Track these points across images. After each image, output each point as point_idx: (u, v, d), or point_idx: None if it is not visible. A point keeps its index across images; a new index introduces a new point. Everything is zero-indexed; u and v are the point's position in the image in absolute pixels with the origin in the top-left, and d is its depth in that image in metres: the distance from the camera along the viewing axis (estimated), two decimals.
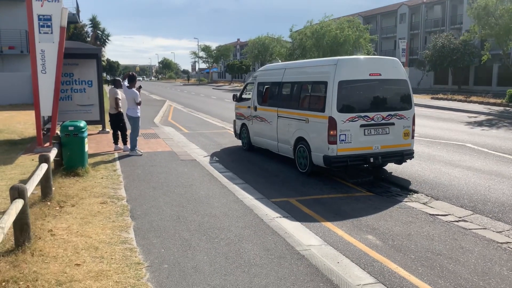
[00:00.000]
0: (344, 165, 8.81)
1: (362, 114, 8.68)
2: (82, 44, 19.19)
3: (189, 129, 17.19)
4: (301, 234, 5.94)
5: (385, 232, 6.20)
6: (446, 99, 28.93)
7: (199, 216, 6.40)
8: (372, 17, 63.87)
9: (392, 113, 8.96)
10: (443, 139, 13.78)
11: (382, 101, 9.08)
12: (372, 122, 8.76)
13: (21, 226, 4.81)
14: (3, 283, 3.96)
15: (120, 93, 11.78)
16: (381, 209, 7.22)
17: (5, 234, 3.91)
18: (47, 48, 11.16)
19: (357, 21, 45.36)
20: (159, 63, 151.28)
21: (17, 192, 4.67)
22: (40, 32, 11.03)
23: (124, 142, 11.52)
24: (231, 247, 5.25)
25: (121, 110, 11.65)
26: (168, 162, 10.28)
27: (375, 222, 6.61)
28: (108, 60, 73.26)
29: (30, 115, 19.26)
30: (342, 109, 8.58)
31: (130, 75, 11.24)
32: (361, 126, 8.68)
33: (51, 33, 11.12)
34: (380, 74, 8.93)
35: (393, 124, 8.96)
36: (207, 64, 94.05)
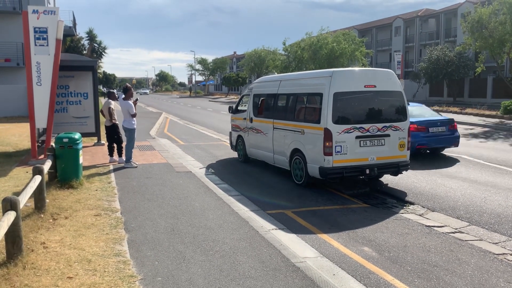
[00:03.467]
0: (340, 177, 8.79)
1: (358, 126, 8.69)
2: (78, 57, 19.25)
3: (185, 141, 17.16)
4: (297, 246, 5.89)
5: (381, 243, 6.16)
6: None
7: (194, 228, 6.35)
8: (368, 30, 64.50)
9: (388, 124, 8.98)
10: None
11: (377, 113, 9.11)
12: (368, 133, 8.77)
13: (13, 238, 4.75)
14: None
15: (114, 104, 11.78)
16: (377, 221, 7.18)
17: (7, 235, 3.85)
18: (43, 60, 11.17)
19: (353, 34, 45.80)
20: (155, 75, 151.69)
21: (9, 204, 4.62)
22: (36, 45, 11.07)
23: (120, 154, 11.47)
24: (225, 259, 5.19)
25: (116, 122, 11.63)
26: (163, 174, 10.23)
27: (371, 233, 6.58)
28: (104, 72, 73.47)
29: (25, 127, 19.18)
30: (338, 120, 8.59)
31: (125, 87, 11.25)
32: (357, 137, 8.68)
33: (47, 45, 11.15)
34: (375, 86, 8.97)
35: (388, 135, 8.97)
36: (204, 77, 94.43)
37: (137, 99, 11.47)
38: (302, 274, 4.83)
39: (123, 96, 11.05)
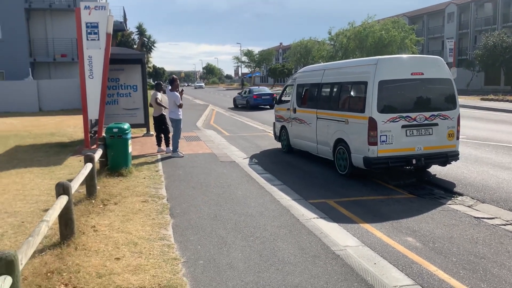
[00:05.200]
0: (385, 167, 8.62)
1: (404, 115, 8.46)
2: (127, 50, 19.91)
3: (230, 132, 17.39)
4: (338, 235, 5.87)
5: (426, 234, 6.00)
6: (497, 100, 27.61)
7: (236, 215, 6.47)
8: (418, 17, 62.13)
9: (436, 113, 8.68)
10: (493, 141, 13.17)
11: (425, 101, 8.83)
12: (414, 122, 8.52)
13: (66, 221, 5.06)
14: (49, 274, 4.18)
15: (160, 95, 12.15)
16: (423, 212, 7.00)
17: (49, 227, 4.12)
18: (94, 54, 11.67)
19: (402, 21, 44.31)
20: (203, 68, 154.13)
21: (62, 189, 4.92)
22: (87, 39, 11.57)
23: (167, 144, 11.83)
24: (265, 245, 5.27)
25: (164, 113, 12.00)
26: (208, 163, 10.46)
27: (416, 224, 6.42)
28: (154, 66, 75.46)
29: (79, 119, 20.10)
30: (383, 109, 8.41)
31: (171, 79, 11.55)
32: (403, 126, 8.46)
33: (98, 39, 11.63)
34: (422, 73, 8.68)
35: (436, 124, 8.67)
36: (250, 69, 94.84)
37: (182, 90, 11.73)
38: (341, 262, 4.82)
39: (170, 87, 11.35)
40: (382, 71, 8.46)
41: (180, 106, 11.29)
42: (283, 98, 13.13)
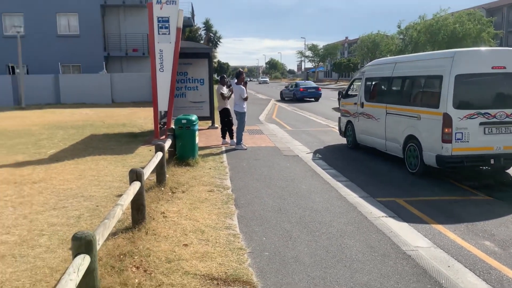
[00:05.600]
0: (459, 166, 8.14)
1: (482, 111, 7.93)
2: (195, 44, 20.41)
3: (292, 127, 17.28)
4: (408, 235, 5.60)
5: (505, 239, 5.57)
6: None
7: (300, 209, 6.39)
8: (497, 9, 58.05)
9: None
10: None
11: (506, 97, 8.21)
12: (494, 120, 7.95)
13: (138, 206, 5.25)
14: (121, 256, 4.35)
15: (225, 89, 12.34)
16: (502, 215, 6.50)
17: (123, 211, 4.28)
18: (165, 48, 12.04)
19: (479, 13, 41.62)
20: (266, 63, 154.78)
21: (135, 175, 5.10)
22: (159, 33, 11.95)
23: (231, 137, 12.00)
24: (332, 241, 5.14)
25: (227, 106, 12.18)
26: (271, 156, 10.45)
27: (494, 228, 5.98)
28: (219, 61, 76.91)
29: (149, 111, 20.98)
30: (459, 105, 7.93)
31: (237, 72, 11.66)
32: (481, 124, 7.93)
33: (169, 34, 11.98)
34: (504, 67, 8.07)
35: None
36: (313, 63, 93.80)
37: (247, 82, 11.79)
38: (413, 262, 4.59)
39: (236, 80, 11.46)
40: (459, 65, 7.98)
41: (246, 99, 11.37)
42: (349, 93, 12.80)
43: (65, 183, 7.70)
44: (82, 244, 2.98)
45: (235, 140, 11.74)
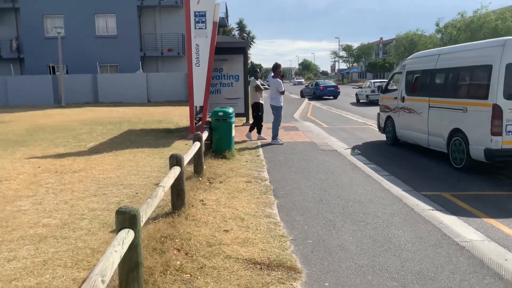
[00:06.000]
0: (510, 160, 7.68)
1: None
2: (231, 38, 20.43)
3: (329, 124, 16.97)
4: (459, 227, 5.28)
5: None
6: None
7: (343, 200, 6.16)
8: None
9: None
10: None
11: None
12: None
13: (178, 192, 5.18)
14: (162, 238, 4.27)
15: (259, 82, 12.28)
16: None
17: (165, 192, 4.21)
18: (201, 43, 12.03)
19: None
20: (299, 64, 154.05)
21: (175, 160, 5.04)
22: (195, 28, 11.95)
23: (258, 132, 12.03)
24: (378, 231, 4.90)
25: (260, 101, 12.09)
26: (308, 151, 10.23)
27: None
28: (252, 63, 77.08)
29: (183, 109, 21.19)
30: (510, 96, 7.49)
31: (274, 65, 11.49)
32: None
33: (205, 28, 11.96)
34: None
35: None
36: (347, 64, 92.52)
37: (283, 75, 11.62)
38: (468, 253, 4.29)
39: (272, 74, 11.31)
40: (510, 53, 7.54)
41: (283, 93, 11.20)
42: (389, 87, 12.42)
43: (104, 172, 7.76)
44: (126, 218, 2.90)
45: (251, 135, 11.81)
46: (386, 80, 13.60)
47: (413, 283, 3.64)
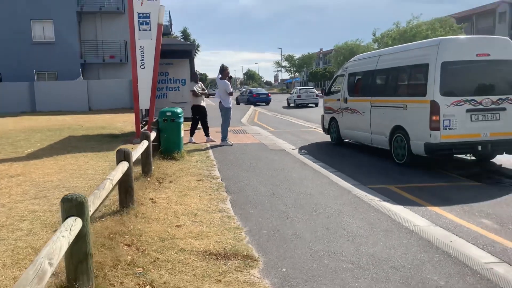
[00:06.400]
0: (448, 154, 8.11)
1: (469, 98, 7.94)
2: (177, 41, 20.13)
3: (276, 128, 17.17)
4: (406, 215, 5.46)
5: (502, 217, 5.51)
6: None
7: (294, 193, 6.20)
8: (466, 18, 59.71)
9: (503, 97, 8.09)
10: None
11: (491, 84, 8.26)
12: (480, 106, 7.97)
13: (126, 188, 4.97)
14: (111, 235, 4.06)
15: (197, 86, 12.02)
16: (495, 197, 6.47)
17: (113, 185, 4.01)
18: (146, 45, 11.76)
19: (450, 21, 42.78)
20: (243, 74, 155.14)
21: (123, 155, 4.84)
22: (139, 30, 11.67)
23: (206, 134, 11.89)
24: (331, 219, 4.97)
25: (200, 103, 11.89)
26: (258, 151, 10.26)
27: (489, 208, 5.92)
28: (197, 71, 76.61)
29: (128, 116, 20.58)
30: (446, 92, 7.92)
31: (222, 67, 11.43)
32: (468, 111, 7.93)
33: (149, 30, 11.71)
34: (489, 55, 8.13)
35: (504, 109, 8.08)
36: (290, 74, 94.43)
37: (231, 76, 11.57)
38: (417, 236, 4.45)
39: (220, 75, 11.25)
40: (445, 52, 7.99)
41: (231, 94, 11.17)
42: (332, 90, 12.77)
43: (44, 176, 7.32)
44: (73, 205, 2.72)
45: (193, 138, 11.68)
46: (310, 87, 14.27)
47: (368, 264, 3.70)
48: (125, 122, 18.04)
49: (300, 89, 37.19)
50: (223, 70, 11.27)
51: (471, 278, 3.49)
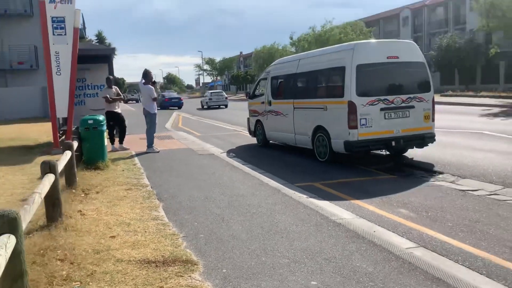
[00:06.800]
0: (365, 150, 8.69)
1: (382, 98, 8.58)
2: (94, 45, 19.34)
3: (202, 133, 17.15)
4: (332, 209, 5.81)
5: (417, 206, 6.06)
6: (455, 95, 28.82)
7: (227, 196, 6.32)
8: (374, 22, 63.98)
9: (412, 96, 8.85)
10: (459, 129, 13.63)
11: (401, 84, 8.99)
12: (392, 105, 8.64)
13: (53, 201, 4.75)
14: (41, 251, 3.88)
15: (111, 92, 11.69)
16: (409, 188, 7.07)
17: (42, 199, 3.84)
18: (62, 50, 11.21)
19: (360, 24, 45.55)
20: (163, 78, 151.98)
21: (48, 167, 4.63)
22: (54, 34, 11.10)
23: (120, 141, 11.66)
24: (264, 218, 5.15)
25: (114, 109, 11.58)
26: (186, 156, 10.23)
27: (405, 198, 6.48)
28: (114, 76, 73.81)
29: (42, 126, 19.34)
30: (362, 93, 8.48)
31: (145, 72, 11.24)
32: (381, 109, 8.56)
33: (65, 34, 11.18)
34: (397, 57, 8.85)
35: (413, 107, 8.84)
36: (212, 77, 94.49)
37: (155, 81, 11.42)
38: (344, 228, 4.78)
39: (143, 81, 11.04)
40: (359, 55, 8.56)
41: (155, 99, 11.01)
42: (256, 93, 13.07)
43: None
44: (5, 221, 2.59)
45: (124, 145, 11.35)
46: (220, 90, 14.84)
47: (303, 258, 3.92)
48: (39, 132, 16.92)
49: (211, 92, 41.88)
50: (146, 75, 11.09)
51: (395, 263, 3.85)
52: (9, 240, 2.51)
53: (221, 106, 38.91)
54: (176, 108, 39.32)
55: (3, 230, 2.58)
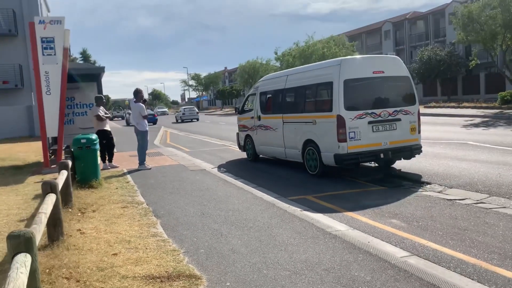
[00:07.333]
0: (355, 162, 8.89)
1: (369, 111, 8.83)
2: (83, 65, 19.37)
3: (191, 148, 17.23)
4: (327, 222, 5.97)
5: (407, 216, 6.25)
6: (439, 107, 29.45)
7: (223, 211, 6.43)
8: (357, 36, 65.20)
9: (398, 109, 9.12)
10: (444, 140, 13.98)
11: (387, 98, 9.26)
12: (379, 118, 8.90)
13: (54, 221, 4.81)
14: (47, 270, 3.94)
15: (101, 111, 11.74)
16: (399, 199, 7.28)
17: (47, 219, 3.91)
18: (51, 70, 11.27)
19: (343, 38, 46.36)
20: (149, 94, 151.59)
21: (49, 187, 4.70)
22: (43, 54, 11.17)
23: (110, 160, 11.71)
24: (262, 232, 5.27)
25: (105, 128, 11.64)
26: (178, 172, 10.31)
27: (395, 209, 6.67)
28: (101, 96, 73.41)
29: (28, 145, 19.25)
30: (349, 107, 8.72)
31: (136, 90, 11.35)
32: (369, 123, 8.81)
33: (54, 54, 11.26)
34: (383, 72, 9.14)
35: (399, 119, 9.11)
36: (197, 92, 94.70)
37: (145, 100, 11.52)
38: (340, 240, 4.92)
39: (134, 99, 11.15)
40: (346, 71, 8.82)
41: (146, 117, 11.11)
42: (245, 108, 13.26)
43: None
44: (21, 241, 2.68)
45: (114, 163, 11.43)
46: (192, 106, 15.44)
47: (303, 269, 4.06)
48: (26, 152, 16.83)
49: (184, 108, 48.62)
50: (137, 93, 11.21)
51: (391, 271, 4.01)
52: (26, 259, 2.60)
53: (193, 120, 44.69)
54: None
55: (20, 249, 2.67)
